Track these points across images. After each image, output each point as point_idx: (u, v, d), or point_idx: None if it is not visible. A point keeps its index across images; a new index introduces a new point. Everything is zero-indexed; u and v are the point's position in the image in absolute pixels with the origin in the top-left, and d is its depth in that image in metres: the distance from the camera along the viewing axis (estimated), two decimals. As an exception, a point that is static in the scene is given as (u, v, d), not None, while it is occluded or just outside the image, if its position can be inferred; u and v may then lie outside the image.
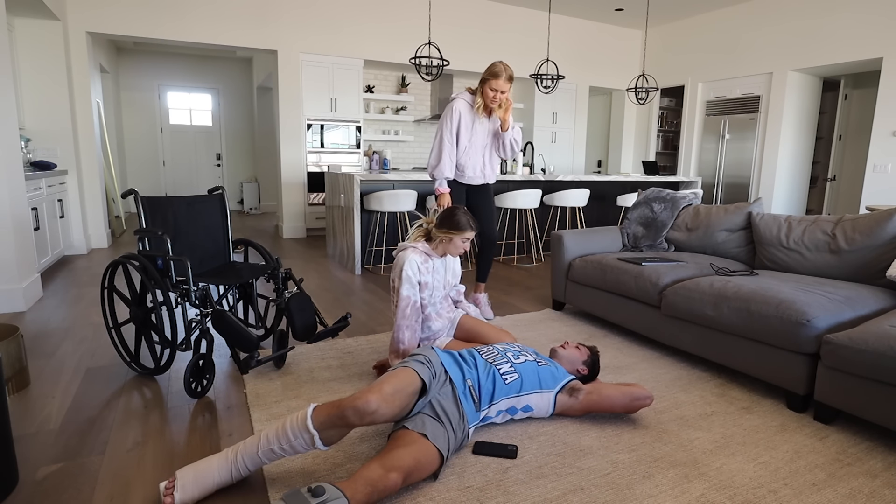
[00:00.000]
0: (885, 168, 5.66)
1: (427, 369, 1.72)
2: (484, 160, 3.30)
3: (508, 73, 3.00)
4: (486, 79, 3.03)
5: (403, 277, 2.29)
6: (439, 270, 2.44)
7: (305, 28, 6.24)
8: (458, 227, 2.34)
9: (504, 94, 3.06)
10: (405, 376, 1.64)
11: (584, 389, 1.99)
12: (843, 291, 2.31)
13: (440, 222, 2.39)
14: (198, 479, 1.50)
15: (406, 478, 1.48)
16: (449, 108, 3.15)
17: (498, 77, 2.99)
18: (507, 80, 3.00)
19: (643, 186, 6.37)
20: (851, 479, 1.68)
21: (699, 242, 3.34)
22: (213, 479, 1.51)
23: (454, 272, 2.56)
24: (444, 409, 1.70)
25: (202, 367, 2.19)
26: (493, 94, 3.03)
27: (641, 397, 1.96)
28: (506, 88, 3.03)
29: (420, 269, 2.33)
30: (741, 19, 6.97)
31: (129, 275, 2.32)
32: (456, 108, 3.13)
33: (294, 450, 1.53)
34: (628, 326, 2.98)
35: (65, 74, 5.01)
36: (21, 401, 2.14)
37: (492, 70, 3.00)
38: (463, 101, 3.15)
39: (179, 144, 9.51)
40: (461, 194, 3.33)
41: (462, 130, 3.16)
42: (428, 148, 8.02)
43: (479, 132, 3.22)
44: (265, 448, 1.52)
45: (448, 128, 3.14)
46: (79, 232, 5.27)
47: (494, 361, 1.95)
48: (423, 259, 2.36)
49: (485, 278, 3.47)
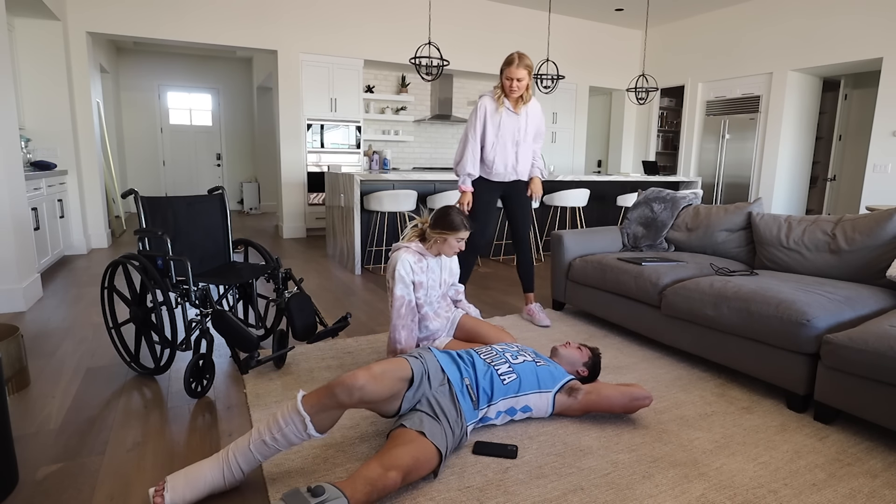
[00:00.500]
0: (885, 168, 5.66)
1: (419, 363, 1.75)
2: (517, 156, 3.17)
3: (525, 61, 2.93)
4: (503, 69, 2.99)
5: (396, 277, 2.30)
6: (434, 270, 2.44)
7: (305, 28, 6.24)
8: (451, 227, 2.33)
9: (522, 83, 2.97)
10: (396, 362, 1.70)
11: (582, 389, 1.99)
12: (843, 291, 2.31)
13: (434, 222, 2.37)
14: (189, 480, 1.47)
15: (405, 476, 1.47)
16: (475, 105, 3.13)
17: (511, 64, 2.93)
18: (523, 67, 2.93)
19: (643, 186, 6.37)
20: (851, 479, 1.68)
21: (699, 242, 3.34)
22: (206, 479, 1.48)
23: (451, 271, 2.55)
24: (441, 407, 1.70)
25: (202, 367, 2.19)
26: (509, 84, 2.98)
27: (640, 397, 1.96)
28: (522, 76, 2.94)
29: (413, 269, 2.34)
30: (741, 19, 6.97)
31: (129, 275, 2.32)
32: (482, 104, 3.09)
33: (286, 439, 1.51)
34: (628, 326, 2.98)
35: (65, 74, 5.01)
36: (21, 401, 2.14)
37: (506, 59, 2.96)
38: (488, 98, 3.11)
39: (179, 144, 9.52)
40: (493, 193, 3.23)
41: (489, 126, 3.09)
42: (428, 148, 8.03)
43: (508, 126, 3.11)
44: (257, 441, 1.50)
45: (472, 125, 3.10)
46: (79, 232, 5.27)
47: (493, 362, 1.95)
48: (417, 259, 2.36)
49: (531, 286, 3.35)
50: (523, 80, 2.97)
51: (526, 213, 3.31)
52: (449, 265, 2.53)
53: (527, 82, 2.99)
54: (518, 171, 3.22)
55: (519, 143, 3.16)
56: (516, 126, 3.13)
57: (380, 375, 1.59)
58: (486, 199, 3.22)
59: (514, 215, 3.31)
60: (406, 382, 1.68)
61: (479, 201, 3.22)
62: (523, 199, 3.30)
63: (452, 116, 7.65)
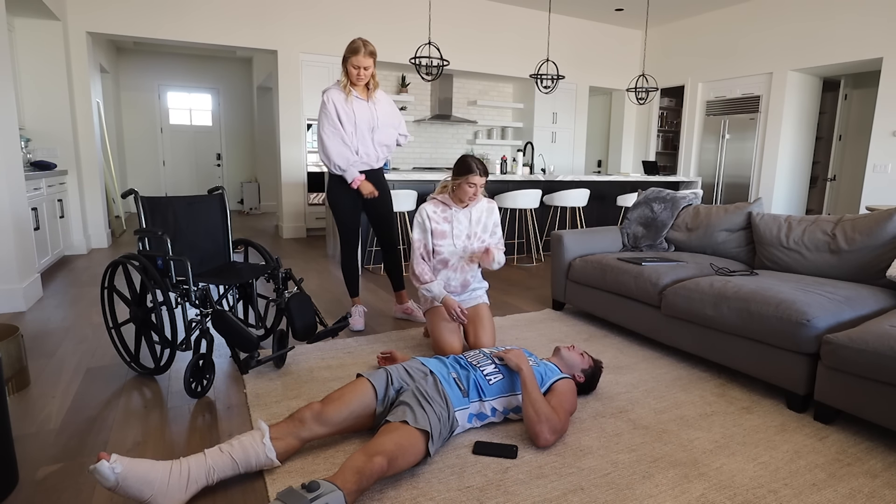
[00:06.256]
0: (885, 168, 5.66)
1: (381, 372, 1.87)
2: (374, 144, 3.04)
3: (370, 48, 2.84)
4: (347, 56, 2.85)
5: (415, 223, 2.65)
6: (461, 220, 2.66)
7: (305, 28, 6.24)
8: (461, 172, 2.54)
9: (368, 71, 2.88)
10: (354, 381, 1.84)
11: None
12: (843, 291, 2.31)
13: (453, 171, 2.59)
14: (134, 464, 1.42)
15: (391, 461, 1.50)
16: (321, 104, 2.95)
17: (357, 53, 2.82)
18: (368, 55, 2.84)
19: (643, 186, 6.37)
20: (851, 479, 1.68)
21: (699, 242, 3.34)
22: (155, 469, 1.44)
23: (485, 226, 2.72)
24: (425, 394, 1.76)
25: (202, 367, 2.19)
26: (356, 72, 2.86)
27: (543, 432, 1.79)
28: (368, 64, 2.85)
29: (432, 217, 2.63)
30: (741, 19, 6.96)
31: (129, 275, 2.32)
32: (328, 98, 2.92)
33: (241, 446, 1.57)
34: (628, 326, 2.98)
35: (65, 74, 5.01)
36: (21, 401, 2.14)
37: (351, 47, 2.83)
38: (334, 90, 2.94)
39: (179, 144, 9.51)
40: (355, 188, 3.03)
41: (343, 117, 2.92)
42: (428, 148, 8.02)
43: (362, 115, 2.96)
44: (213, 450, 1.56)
45: (327, 120, 2.91)
46: (79, 232, 5.27)
47: (479, 364, 1.99)
48: (441, 208, 2.65)
49: (402, 285, 3.28)
50: (369, 69, 2.89)
51: (389, 207, 3.16)
52: (483, 220, 2.71)
53: (372, 70, 2.91)
54: (380, 157, 3.10)
55: (374, 130, 3.03)
56: (369, 114, 3.00)
57: (337, 397, 1.75)
58: (348, 196, 3.04)
59: (376, 209, 3.13)
60: (371, 396, 1.79)
61: (342, 201, 3.05)
62: (385, 191, 3.15)
63: (452, 116, 7.65)
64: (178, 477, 1.46)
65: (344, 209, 3.07)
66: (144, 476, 1.41)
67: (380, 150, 3.09)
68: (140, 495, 1.40)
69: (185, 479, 1.46)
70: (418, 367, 1.94)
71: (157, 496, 1.42)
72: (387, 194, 3.17)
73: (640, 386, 2.36)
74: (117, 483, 1.37)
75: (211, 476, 1.51)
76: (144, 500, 1.41)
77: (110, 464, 1.37)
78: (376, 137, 3.05)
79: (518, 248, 5.76)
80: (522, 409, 1.87)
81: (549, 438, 1.80)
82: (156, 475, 1.43)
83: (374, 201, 3.12)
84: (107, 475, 1.36)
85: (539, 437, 1.79)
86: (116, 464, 1.38)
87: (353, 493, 1.40)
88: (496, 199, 5.10)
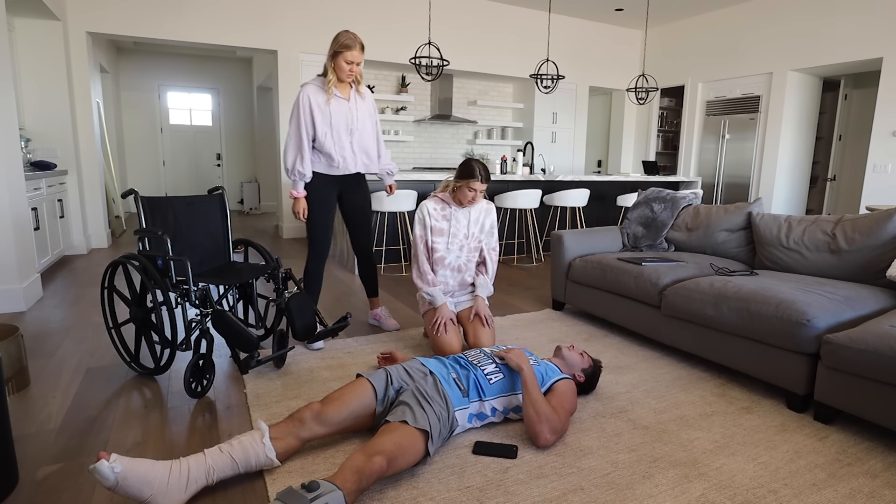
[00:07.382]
0: (885, 168, 5.66)
1: (381, 372, 1.87)
2: (353, 146, 2.83)
3: (360, 41, 2.68)
4: (340, 51, 2.66)
5: (416, 220, 2.70)
6: (460, 220, 2.70)
7: (305, 28, 6.24)
8: (464, 175, 2.58)
9: (359, 66, 2.75)
10: (354, 381, 1.84)
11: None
12: (843, 291, 2.31)
13: (457, 173, 2.63)
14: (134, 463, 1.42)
15: (391, 460, 1.51)
16: (296, 100, 2.74)
17: (352, 48, 2.65)
18: (361, 49, 2.69)
19: (643, 186, 6.36)
20: (851, 479, 1.68)
21: (699, 242, 3.34)
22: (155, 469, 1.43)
23: (483, 227, 2.76)
24: (425, 394, 1.76)
25: (202, 367, 2.19)
26: (348, 68, 2.70)
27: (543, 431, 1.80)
28: (361, 59, 2.71)
29: (432, 214, 2.67)
30: (741, 19, 6.96)
31: (129, 275, 2.32)
32: (304, 95, 2.71)
33: (241, 446, 1.57)
34: (628, 326, 2.98)
35: (65, 74, 5.01)
36: (21, 401, 2.14)
37: (343, 42, 2.64)
38: (313, 87, 2.75)
39: (179, 144, 9.51)
40: (332, 188, 2.88)
41: (317, 117, 2.72)
42: (428, 148, 8.02)
43: (339, 114, 2.77)
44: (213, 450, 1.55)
45: (298, 121, 2.73)
46: (79, 232, 5.27)
47: (479, 363, 1.99)
48: (441, 206, 2.69)
49: (375, 292, 3.16)
50: (360, 64, 2.74)
51: (367, 212, 3.02)
52: (481, 220, 2.75)
53: (361, 65, 2.76)
54: (357, 163, 2.89)
55: (353, 131, 2.82)
56: (348, 113, 2.80)
57: (339, 396, 1.76)
58: (324, 196, 2.86)
59: (353, 213, 2.99)
60: (370, 396, 1.80)
61: (317, 201, 2.85)
62: (364, 196, 3.00)
63: (452, 116, 7.65)
64: (177, 477, 1.46)
65: (316, 205, 2.86)
66: (144, 476, 1.41)
67: (359, 156, 2.88)
68: (140, 495, 1.40)
69: (185, 479, 1.47)
70: (418, 367, 1.94)
71: (156, 496, 1.42)
72: (366, 201, 3.01)
73: (640, 386, 2.36)
74: (117, 483, 1.37)
75: (211, 476, 1.51)
76: (144, 499, 1.41)
77: (110, 463, 1.37)
78: (355, 140, 2.84)
79: (518, 248, 5.76)
80: (523, 409, 1.88)
81: (549, 438, 1.80)
82: (155, 475, 1.43)
83: (352, 205, 2.97)
84: (106, 475, 1.36)
85: (539, 437, 1.79)
86: (116, 463, 1.38)
87: (353, 493, 1.40)
88: (496, 199, 5.11)
